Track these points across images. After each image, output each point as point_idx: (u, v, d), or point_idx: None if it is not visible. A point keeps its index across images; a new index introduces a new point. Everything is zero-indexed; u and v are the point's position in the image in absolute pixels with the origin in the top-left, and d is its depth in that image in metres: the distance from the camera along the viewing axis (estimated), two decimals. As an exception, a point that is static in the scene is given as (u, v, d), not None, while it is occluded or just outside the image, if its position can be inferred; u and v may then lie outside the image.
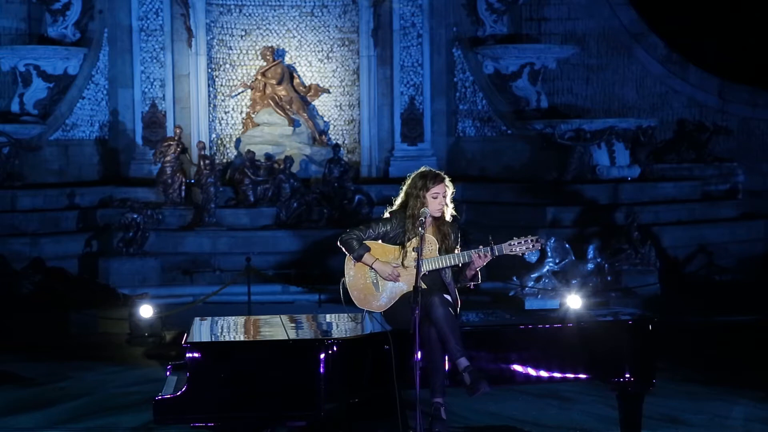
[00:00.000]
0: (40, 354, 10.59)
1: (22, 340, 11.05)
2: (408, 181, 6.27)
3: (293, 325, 6.50)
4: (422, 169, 6.34)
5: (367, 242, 6.17)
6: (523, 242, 6.13)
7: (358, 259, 6.14)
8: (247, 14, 17.21)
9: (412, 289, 5.89)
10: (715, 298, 12.91)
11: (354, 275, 6.19)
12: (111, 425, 7.78)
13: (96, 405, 8.47)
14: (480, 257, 6.10)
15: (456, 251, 6.21)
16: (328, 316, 7.03)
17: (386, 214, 6.33)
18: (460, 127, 17.24)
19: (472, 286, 6.33)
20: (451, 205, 6.26)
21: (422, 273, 5.96)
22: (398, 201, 6.31)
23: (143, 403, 7.84)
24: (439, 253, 6.16)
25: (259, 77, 16.95)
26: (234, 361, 5.66)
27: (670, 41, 17.69)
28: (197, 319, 6.59)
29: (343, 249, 6.21)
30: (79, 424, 7.85)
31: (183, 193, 15.44)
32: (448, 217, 6.25)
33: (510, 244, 6.12)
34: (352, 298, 6.22)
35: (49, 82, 16.17)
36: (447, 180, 6.24)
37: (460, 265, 6.19)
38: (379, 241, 6.21)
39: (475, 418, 7.68)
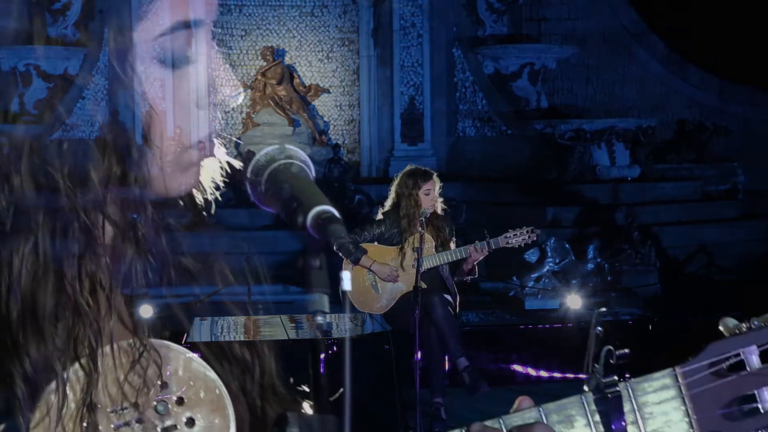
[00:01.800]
0: (40, 354, 10.56)
1: (22, 340, 11.04)
2: (397, 181, 6.28)
3: (293, 325, 6.49)
4: (409, 167, 6.36)
5: (363, 245, 6.17)
6: (518, 234, 6.14)
7: (356, 262, 6.14)
8: (247, 14, 17.21)
9: (411, 288, 5.89)
10: (715, 298, 12.88)
11: (352, 279, 6.19)
12: (111, 425, 7.76)
13: (96, 405, 8.45)
14: (477, 251, 6.11)
15: (452, 244, 6.22)
16: (328, 316, 7.02)
17: (379, 216, 6.33)
18: (460, 127, 17.22)
19: (469, 280, 6.35)
20: (440, 199, 6.28)
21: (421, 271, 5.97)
22: (389, 202, 6.32)
23: (143, 403, 7.81)
24: (435, 248, 6.17)
25: (259, 77, 16.96)
26: (234, 361, 5.64)
27: (670, 41, 17.69)
28: (197, 319, 6.57)
29: (339, 254, 6.18)
30: (79, 424, 7.83)
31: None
32: (439, 211, 6.28)
33: (506, 237, 6.14)
34: (353, 302, 6.21)
35: (49, 82, 16.16)
36: (435, 175, 6.27)
37: (458, 260, 6.20)
38: (375, 243, 6.21)
39: (475, 418, 7.63)
